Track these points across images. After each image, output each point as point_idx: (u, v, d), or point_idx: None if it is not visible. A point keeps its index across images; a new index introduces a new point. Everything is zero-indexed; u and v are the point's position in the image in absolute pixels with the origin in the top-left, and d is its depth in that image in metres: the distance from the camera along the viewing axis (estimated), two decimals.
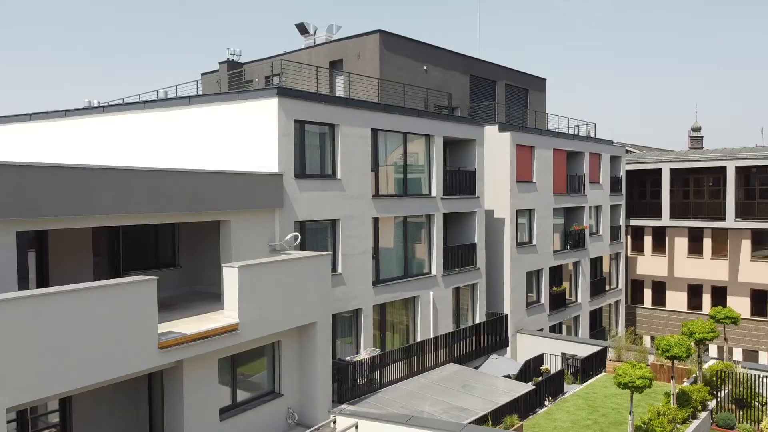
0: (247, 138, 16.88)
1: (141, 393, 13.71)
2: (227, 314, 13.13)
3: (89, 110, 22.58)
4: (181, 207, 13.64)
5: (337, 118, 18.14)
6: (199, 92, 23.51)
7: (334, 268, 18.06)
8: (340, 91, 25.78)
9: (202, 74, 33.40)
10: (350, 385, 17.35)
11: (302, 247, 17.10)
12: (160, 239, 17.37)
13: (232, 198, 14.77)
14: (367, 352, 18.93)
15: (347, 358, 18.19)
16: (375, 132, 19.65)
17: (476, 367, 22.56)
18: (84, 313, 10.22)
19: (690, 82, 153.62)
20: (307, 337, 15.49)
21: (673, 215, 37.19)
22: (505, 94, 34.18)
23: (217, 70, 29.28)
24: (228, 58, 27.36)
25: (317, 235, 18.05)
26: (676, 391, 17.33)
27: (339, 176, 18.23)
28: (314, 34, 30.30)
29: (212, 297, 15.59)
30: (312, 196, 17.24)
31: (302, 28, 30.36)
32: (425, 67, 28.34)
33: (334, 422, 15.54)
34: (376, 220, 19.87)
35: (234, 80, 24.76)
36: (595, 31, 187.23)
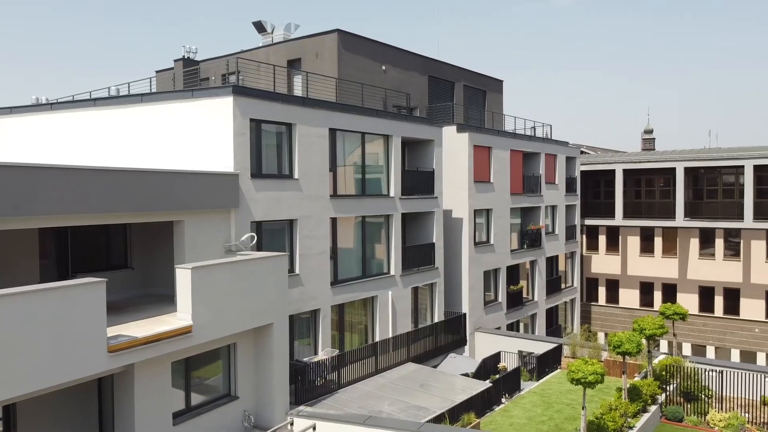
0: (202, 137, 16.58)
1: (90, 399, 13.32)
2: (180, 316, 12.86)
3: (37, 107, 21.83)
4: (133, 207, 13.30)
5: (295, 118, 17.99)
6: (153, 90, 22.98)
7: (292, 269, 17.92)
8: (298, 91, 25.59)
9: (157, 72, 32.68)
10: (308, 386, 17.23)
11: (259, 247, 16.91)
12: (112, 240, 16.92)
13: (185, 198, 14.48)
14: (325, 352, 18.83)
15: (305, 359, 18.06)
16: (333, 132, 19.56)
17: (435, 366, 22.70)
18: (29, 317, 9.87)
19: (643, 86, 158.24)
20: (264, 339, 15.31)
21: (626, 215, 38.18)
22: (463, 95, 34.51)
23: (171, 68, 28.69)
24: (183, 56, 26.82)
25: (274, 235, 17.87)
26: (628, 385, 17.80)
27: (296, 176, 18.08)
28: (272, 32, 30.01)
29: (166, 299, 15.25)
30: (268, 196, 17.05)
31: (260, 27, 30.03)
32: (384, 68, 28.38)
33: (291, 424, 15.40)
34: (334, 220, 19.79)
35: (189, 78, 24.27)
36: (551, 35, 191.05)
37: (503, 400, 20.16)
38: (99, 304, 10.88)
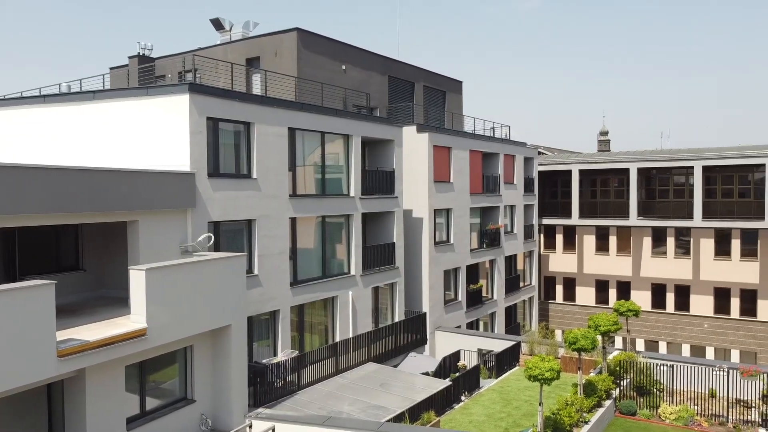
0: (157, 136, 16.23)
1: (39, 405, 12.86)
2: (134, 319, 12.56)
3: None
4: (84, 207, 12.92)
5: (253, 117, 17.78)
6: (107, 87, 22.38)
7: (250, 270, 17.70)
8: (257, 89, 25.32)
9: (111, 68, 31.86)
10: (267, 388, 17.04)
11: (216, 248, 16.66)
12: (62, 241, 16.41)
13: (139, 198, 14.15)
14: (284, 354, 18.66)
15: (264, 361, 17.86)
16: (292, 131, 19.41)
17: (395, 366, 22.75)
18: None
19: (599, 88, 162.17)
20: (222, 341, 15.08)
21: (582, 214, 39.04)
22: (423, 96, 34.71)
23: (126, 65, 28.02)
24: (138, 53, 26.25)
25: (232, 235, 17.62)
26: (583, 381, 18.18)
27: (255, 175, 17.87)
28: (230, 30, 29.61)
29: (120, 301, 14.87)
30: (226, 195, 16.80)
31: (217, 24, 29.59)
32: (344, 67, 28.31)
33: (250, 427, 15.21)
34: (293, 220, 19.64)
35: (144, 75, 23.75)
36: (511, 38, 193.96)
37: (463, 398, 20.34)
38: (48, 307, 10.53)
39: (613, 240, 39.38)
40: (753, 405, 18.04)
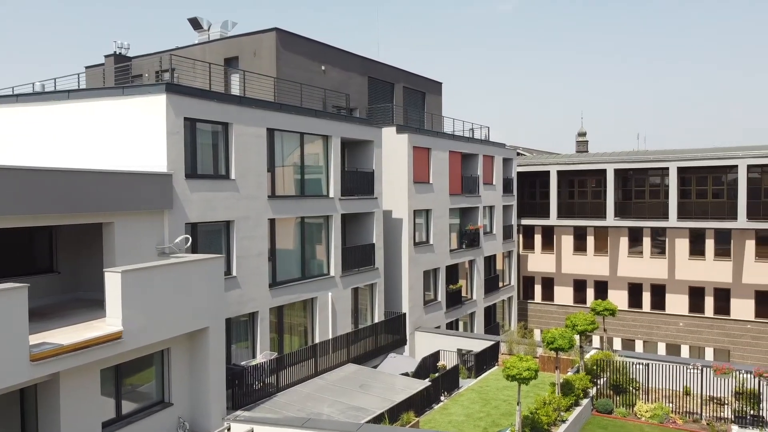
0: (134, 136, 16.03)
1: (12, 410, 12.59)
2: (110, 322, 12.40)
3: None
4: (58, 208, 12.72)
5: (231, 117, 17.66)
6: (82, 86, 22.05)
7: (228, 271, 17.57)
8: (235, 90, 25.15)
9: (86, 67, 31.40)
10: (246, 390, 16.93)
11: (194, 249, 16.51)
12: (36, 243, 16.15)
13: (115, 199, 13.96)
14: (263, 355, 18.56)
15: (243, 363, 17.74)
16: (271, 132, 19.31)
17: (375, 367, 22.76)
18: None
19: (578, 89, 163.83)
20: (199, 343, 14.95)
21: (560, 215, 39.42)
22: (403, 97, 34.78)
23: (102, 64, 27.64)
24: (114, 51, 25.90)
25: (210, 237, 17.47)
26: (561, 380, 18.37)
27: (233, 176, 17.74)
28: (208, 29, 29.38)
29: (95, 304, 14.67)
30: (204, 196, 16.66)
31: (195, 23, 29.33)
32: (323, 68, 28.25)
33: (228, 429, 15.13)
34: (272, 221, 19.54)
35: (120, 75, 23.43)
36: (491, 39, 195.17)
37: (442, 398, 20.42)
38: (20, 311, 10.35)
39: (590, 240, 39.83)
40: (726, 402, 18.37)
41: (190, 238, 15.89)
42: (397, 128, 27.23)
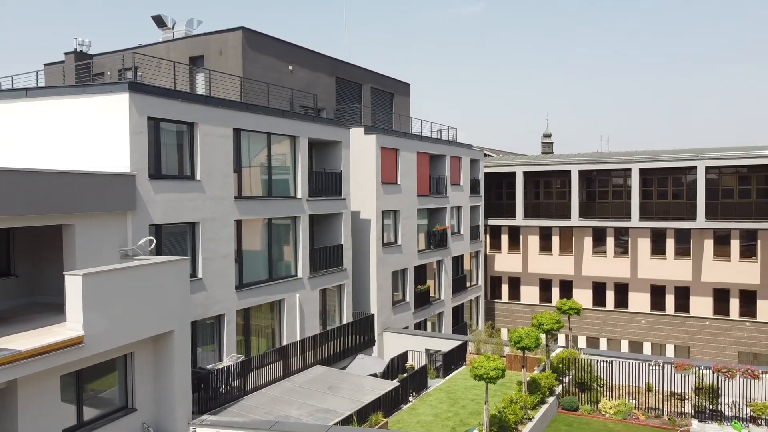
0: (95, 136, 15.65)
1: None
2: (70, 326, 12.07)
3: None
4: (15, 210, 12.32)
5: (197, 117, 17.39)
6: (41, 84, 21.46)
7: (194, 273, 17.31)
8: (200, 89, 24.78)
9: (45, 65, 30.59)
10: (212, 394, 16.69)
11: (158, 251, 16.21)
12: None
13: (75, 200, 13.61)
14: (230, 358, 18.32)
15: (209, 367, 17.48)
16: (237, 132, 19.09)
17: (343, 368, 22.68)
18: None
19: (543, 91, 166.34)
20: (164, 347, 14.67)
21: (526, 215, 39.93)
22: (371, 98, 34.77)
23: (62, 62, 26.93)
24: (75, 49, 25.26)
25: (175, 239, 17.17)
26: (528, 379, 18.59)
27: (198, 177, 17.48)
28: (173, 28, 28.87)
29: (55, 308, 14.29)
30: (168, 197, 16.37)
31: (159, 21, 28.81)
32: (290, 68, 28.05)
33: None
34: (239, 223, 19.31)
35: (82, 73, 22.87)
36: (458, 41, 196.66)
37: (411, 398, 20.46)
38: None
39: (555, 240, 40.44)
40: (686, 397, 18.85)
41: (154, 240, 15.59)
42: (365, 129, 27.21)
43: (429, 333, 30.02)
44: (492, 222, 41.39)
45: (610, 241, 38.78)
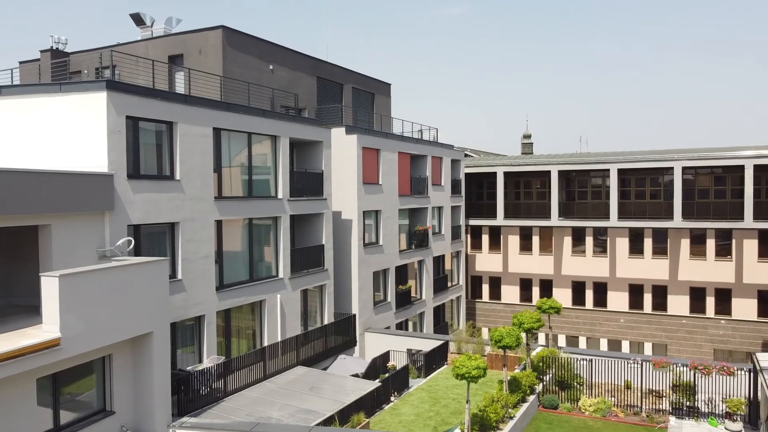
0: (72, 135, 15.41)
1: None
2: (47, 328, 11.88)
3: None
4: None
5: (176, 116, 17.21)
6: (16, 82, 21.08)
7: (173, 274, 17.12)
8: (180, 88, 24.54)
9: (20, 63, 30.05)
10: (192, 396, 16.52)
11: (137, 252, 16.02)
12: None
13: (52, 200, 13.39)
14: (210, 360, 18.17)
15: (189, 368, 17.31)
16: (217, 131, 18.94)
17: (325, 369, 22.62)
18: None
19: (524, 92, 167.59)
20: (143, 349, 14.50)
21: (507, 215, 40.17)
22: (352, 98, 34.73)
23: (38, 59, 26.50)
24: (51, 47, 24.90)
25: (154, 239, 16.98)
26: (509, 378, 18.70)
27: (178, 177, 17.30)
28: (151, 26, 28.56)
29: (30, 310, 14.03)
30: (147, 197, 16.17)
31: (138, 19, 28.47)
32: (271, 67, 27.90)
33: None
34: (219, 223, 19.15)
35: (58, 71, 22.53)
36: (440, 41, 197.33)
37: (392, 398, 20.47)
38: None
39: (536, 240, 40.75)
40: (664, 394, 19.12)
41: (133, 241, 15.39)
42: (346, 129, 27.16)
43: (410, 333, 30.06)
44: (473, 222, 41.58)
45: (589, 241, 39.19)
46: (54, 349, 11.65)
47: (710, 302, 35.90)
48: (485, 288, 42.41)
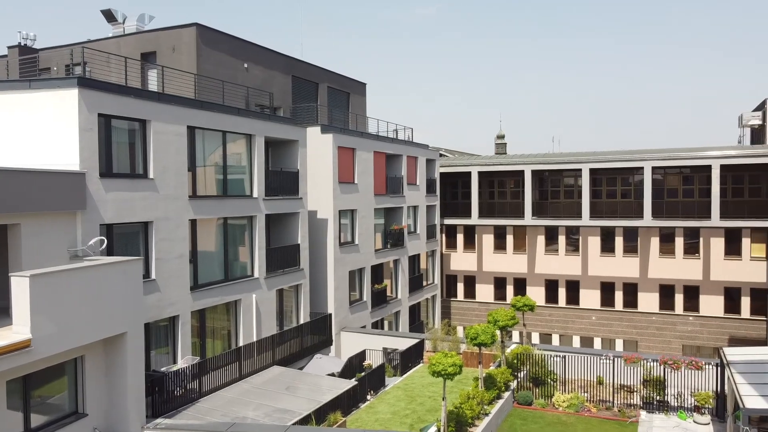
0: (43, 132, 15.14)
1: None
2: (17, 330, 11.65)
3: None
4: None
5: (149, 114, 17.01)
6: None
7: (147, 274, 16.92)
8: (153, 86, 24.22)
9: None
10: (166, 397, 16.35)
11: (110, 252, 15.79)
12: None
13: (21, 199, 13.12)
14: (185, 360, 17.99)
15: (163, 369, 17.13)
16: (192, 130, 18.76)
17: (301, 368, 22.56)
18: None
19: (497, 93, 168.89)
20: (116, 350, 14.30)
21: (481, 214, 40.50)
22: (327, 97, 34.68)
23: (5, 56, 25.92)
24: (19, 42, 24.36)
25: (127, 239, 16.76)
26: (484, 375, 18.89)
27: (151, 176, 17.10)
28: (123, 22, 28.16)
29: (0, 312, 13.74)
30: (120, 196, 15.96)
31: (109, 15, 28.04)
32: (246, 65, 27.72)
33: None
34: (193, 222, 18.98)
35: (26, 67, 22.06)
36: (410, 42, 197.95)
37: (369, 397, 20.51)
38: None
39: (510, 239, 41.15)
40: (635, 389, 19.50)
41: (106, 240, 15.17)
42: (321, 128, 27.12)
43: (386, 332, 30.15)
44: (448, 221, 41.83)
45: (561, 240, 39.70)
46: (25, 350, 11.43)
47: (679, 299, 36.69)
48: (460, 287, 42.69)
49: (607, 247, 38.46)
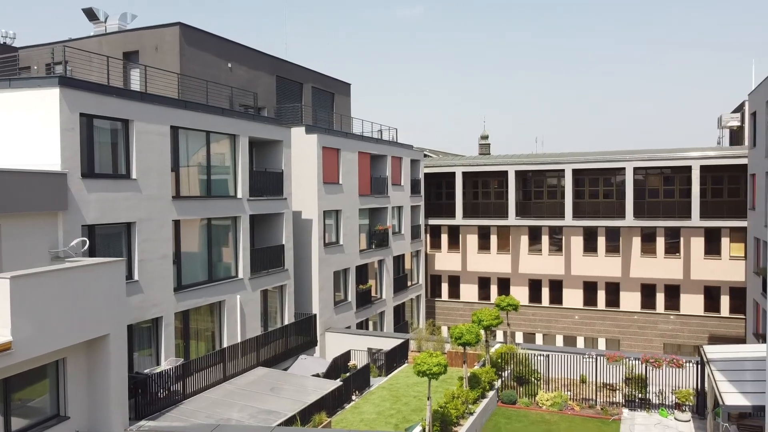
0: (23, 132, 14.95)
1: None
2: None
3: None
4: None
5: (132, 114, 16.87)
6: None
7: (130, 275, 16.78)
8: (135, 85, 24.01)
9: None
10: (150, 399, 16.23)
11: (92, 253, 15.64)
12: None
13: (1, 199, 12.94)
14: (168, 362, 17.86)
15: (146, 371, 16.99)
16: (175, 129, 18.64)
17: (285, 369, 22.50)
18: None
19: (480, 94, 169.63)
20: (98, 352, 14.15)
21: (465, 215, 40.69)
22: (312, 97, 34.62)
23: None
24: None
25: (110, 240, 16.60)
26: (468, 374, 18.98)
27: (134, 176, 16.96)
28: (105, 21, 27.89)
29: None
30: (102, 197, 15.81)
31: (91, 14, 27.75)
32: (230, 65, 27.59)
33: None
34: (177, 223, 18.85)
35: (6, 66, 21.73)
36: (394, 43, 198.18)
37: (354, 397, 20.51)
38: None
39: (494, 239, 41.39)
40: (618, 388, 19.72)
41: (87, 241, 15.02)
42: (306, 128, 27.07)
43: (371, 332, 30.17)
44: (432, 221, 41.96)
45: (545, 240, 40.01)
46: (5, 353, 11.26)
47: (660, 298, 37.16)
48: (444, 287, 42.84)
49: (590, 247, 38.83)
